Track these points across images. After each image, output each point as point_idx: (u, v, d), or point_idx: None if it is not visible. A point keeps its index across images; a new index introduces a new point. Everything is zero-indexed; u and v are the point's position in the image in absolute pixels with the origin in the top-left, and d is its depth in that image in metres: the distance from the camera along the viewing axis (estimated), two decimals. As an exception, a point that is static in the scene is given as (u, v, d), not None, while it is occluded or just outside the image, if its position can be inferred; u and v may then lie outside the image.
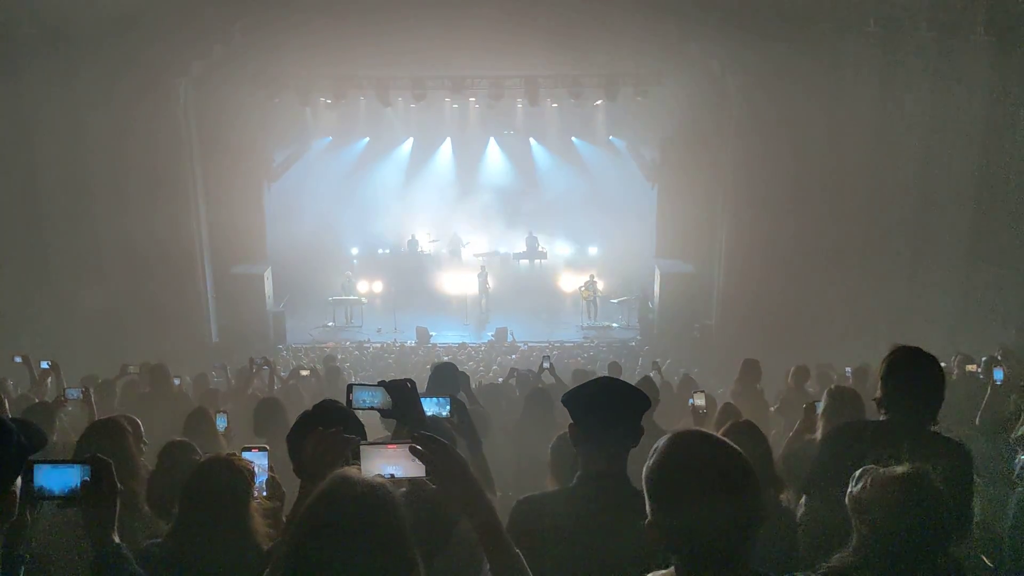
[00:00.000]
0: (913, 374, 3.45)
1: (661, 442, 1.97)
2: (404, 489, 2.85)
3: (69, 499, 2.24)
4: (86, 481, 2.24)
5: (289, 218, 19.99)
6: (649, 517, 1.92)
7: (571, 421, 2.81)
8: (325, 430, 2.48)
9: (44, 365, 8.06)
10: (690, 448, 1.92)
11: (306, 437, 2.73)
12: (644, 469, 1.96)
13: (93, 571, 2.30)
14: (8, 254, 14.33)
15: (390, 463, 2.09)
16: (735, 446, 1.93)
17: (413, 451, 2.05)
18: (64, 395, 6.28)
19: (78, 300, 14.53)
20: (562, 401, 2.87)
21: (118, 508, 2.31)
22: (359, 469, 2.07)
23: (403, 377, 3.31)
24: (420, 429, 2.44)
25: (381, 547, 1.78)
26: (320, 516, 1.82)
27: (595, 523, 2.51)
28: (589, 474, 2.74)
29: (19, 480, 2.08)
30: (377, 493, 1.85)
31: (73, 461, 2.28)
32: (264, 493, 3.18)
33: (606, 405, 2.77)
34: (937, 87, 13.98)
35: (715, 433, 1.98)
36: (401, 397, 3.14)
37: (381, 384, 3.20)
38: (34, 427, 2.21)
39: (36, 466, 2.20)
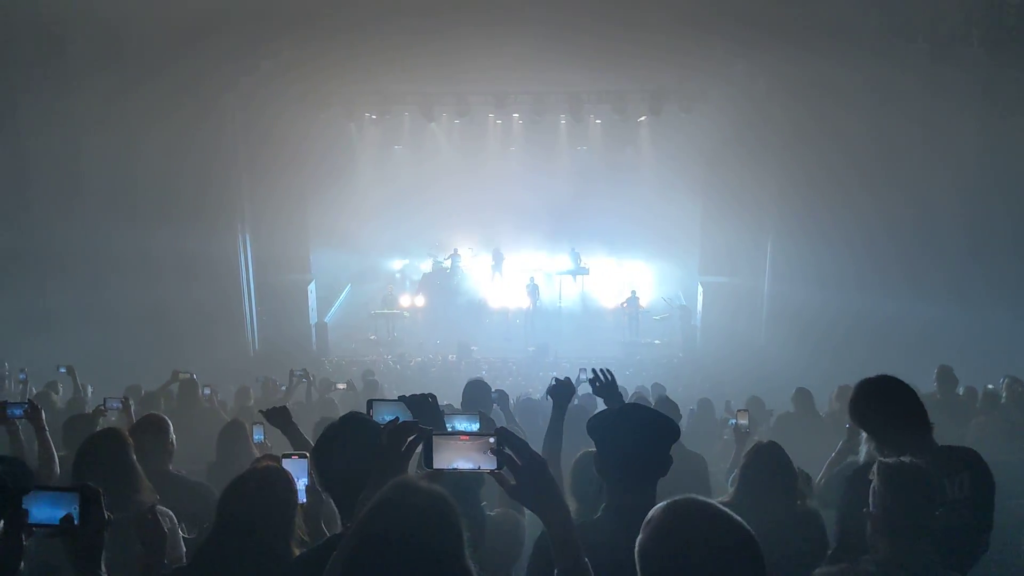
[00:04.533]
0: (888, 400, 3.30)
1: (655, 513, 1.79)
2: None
3: (58, 529, 2.15)
4: (70, 514, 2.15)
5: (333, 231, 20.19)
6: None
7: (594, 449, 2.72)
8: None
9: (62, 370, 8.65)
10: (689, 524, 1.73)
11: (333, 452, 2.70)
12: (637, 543, 1.80)
13: None
14: (61, 262, 14.68)
15: (462, 455, 2.07)
16: (740, 520, 1.73)
17: (493, 447, 2.03)
18: (104, 405, 6.34)
19: (124, 310, 14.80)
20: (587, 430, 2.77)
21: (105, 539, 2.22)
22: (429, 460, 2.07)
23: (429, 392, 3.28)
24: None
25: (437, 557, 1.77)
26: (378, 523, 1.81)
27: (621, 557, 2.35)
28: (614, 506, 2.62)
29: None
30: (436, 503, 1.84)
31: (62, 488, 2.20)
32: (304, 500, 3.15)
33: (632, 434, 2.66)
34: (990, 98, 13.67)
35: (716, 503, 1.79)
36: (422, 412, 3.10)
37: (401, 399, 3.17)
38: (23, 468, 2.15)
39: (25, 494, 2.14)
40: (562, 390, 3.95)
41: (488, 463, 2.03)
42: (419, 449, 2.27)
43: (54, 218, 14.72)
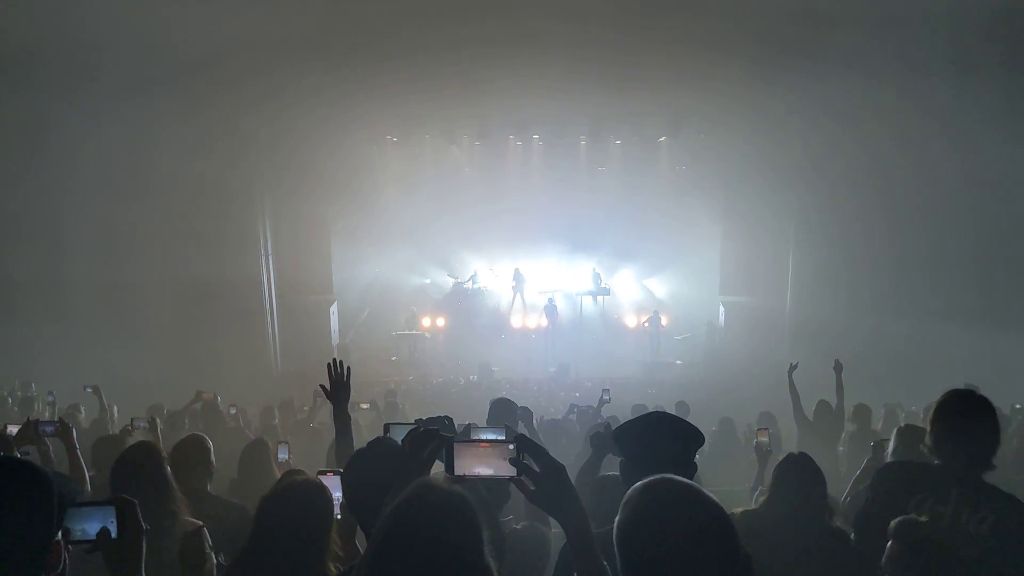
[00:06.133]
0: (963, 419, 3.21)
1: (632, 493, 1.82)
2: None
3: (97, 543, 2.17)
4: (106, 528, 2.17)
5: (355, 252, 20.32)
6: None
7: (621, 458, 2.75)
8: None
9: (87, 390, 8.74)
10: (667, 504, 1.76)
11: (361, 474, 2.74)
12: (615, 523, 1.81)
13: None
14: (85, 285, 14.86)
15: (482, 461, 2.09)
16: (713, 497, 1.76)
17: (512, 456, 2.05)
18: (132, 425, 6.44)
19: (148, 331, 14.94)
20: (613, 437, 2.82)
21: (144, 548, 2.25)
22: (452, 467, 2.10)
23: (446, 413, 3.31)
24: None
25: (456, 556, 1.80)
26: (400, 520, 1.85)
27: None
28: None
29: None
30: (455, 500, 1.87)
31: (99, 502, 2.22)
32: (339, 516, 3.18)
33: (658, 441, 2.70)
34: (1009, 124, 13.59)
35: (693, 483, 1.82)
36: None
37: (417, 422, 3.21)
38: (69, 480, 2.20)
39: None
40: (604, 440, 4.12)
41: (508, 470, 2.05)
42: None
43: (77, 240, 14.93)
